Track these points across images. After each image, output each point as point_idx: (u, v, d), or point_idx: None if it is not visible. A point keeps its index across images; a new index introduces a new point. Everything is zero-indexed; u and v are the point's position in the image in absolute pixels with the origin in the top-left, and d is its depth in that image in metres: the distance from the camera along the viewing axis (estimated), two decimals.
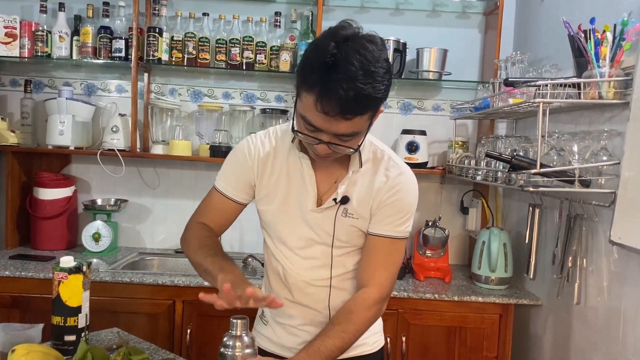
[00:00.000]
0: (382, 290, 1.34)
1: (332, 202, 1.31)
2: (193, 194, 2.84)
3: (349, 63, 1.06)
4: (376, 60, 1.09)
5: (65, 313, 1.36)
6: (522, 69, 2.21)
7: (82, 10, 2.69)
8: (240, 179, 1.38)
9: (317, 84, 1.07)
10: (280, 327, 1.44)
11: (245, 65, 2.63)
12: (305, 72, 1.11)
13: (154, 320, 2.26)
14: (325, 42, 1.09)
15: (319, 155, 1.22)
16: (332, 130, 1.13)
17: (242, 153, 1.38)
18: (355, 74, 1.05)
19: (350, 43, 1.08)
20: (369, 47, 1.09)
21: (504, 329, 2.28)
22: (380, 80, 1.09)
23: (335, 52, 1.07)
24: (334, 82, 1.05)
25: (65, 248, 2.67)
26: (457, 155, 2.57)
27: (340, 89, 1.05)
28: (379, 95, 1.11)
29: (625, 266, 1.66)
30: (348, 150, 1.20)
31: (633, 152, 1.55)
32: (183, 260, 2.71)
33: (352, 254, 1.38)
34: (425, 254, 2.58)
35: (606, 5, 1.86)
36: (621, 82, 1.64)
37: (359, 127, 1.15)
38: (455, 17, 2.82)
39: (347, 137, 1.15)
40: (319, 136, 1.15)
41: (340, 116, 1.08)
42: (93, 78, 2.82)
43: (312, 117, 1.12)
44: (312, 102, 1.09)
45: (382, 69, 1.10)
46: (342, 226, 1.33)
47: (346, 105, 1.07)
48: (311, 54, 1.12)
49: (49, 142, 2.58)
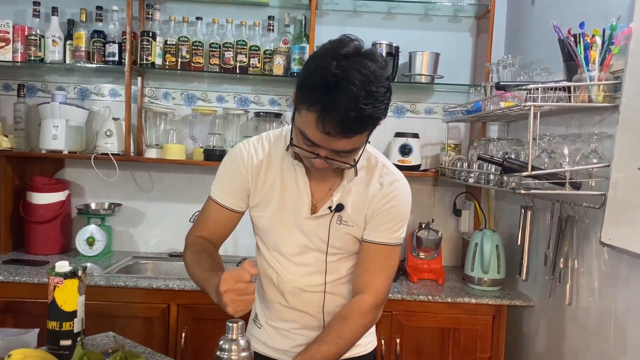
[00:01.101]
0: (378, 297, 1.35)
1: (327, 210, 1.32)
2: (187, 198, 2.84)
3: (350, 83, 1.06)
4: (377, 79, 1.09)
5: (61, 318, 1.36)
6: (514, 72, 2.23)
7: (75, 14, 2.69)
8: (235, 187, 1.38)
9: (318, 104, 1.08)
10: (274, 331, 1.45)
11: (239, 69, 2.64)
12: (306, 91, 1.11)
13: (148, 324, 2.26)
14: (326, 61, 1.09)
15: (315, 168, 1.23)
16: (331, 147, 1.14)
17: (236, 161, 1.37)
18: (357, 94, 1.06)
19: (352, 62, 1.08)
20: (370, 67, 1.09)
21: (497, 330, 2.30)
22: (381, 99, 1.10)
23: (337, 72, 1.07)
24: (335, 103, 1.06)
25: (59, 252, 2.67)
26: (450, 157, 2.59)
27: (342, 109, 1.05)
28: (379, 115, 1.12)
29: (615, 267, 1.69)
30: (345, 165, 1.21)
31: (622, 154, 1.58)
32: (177, 264, 2.72)
33: (346, 259, 1.39)
34: (419, 256, 2.59)
35: (596, 9, 1.88)
36: (610, 85, 1.66)
37: (358, 144, 1.17)
38: (447, 21, 2.85)
39: (346, 153, 1.17)
40: (317, 151, 1.16)
41: (340, 135, 1.10)
42: (86, 82, 2.82)
43: (311, 135, 1.13)
44: (312, 120, 1.09)
45: (383, 88, 1.11)
46: (337, 233, 1.34)
47: (347, 125, 1.08)
48: (312, 73, 1.11)
49: (43, 146, 2.58)
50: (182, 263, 2.72)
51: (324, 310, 1.39)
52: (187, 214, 2.64)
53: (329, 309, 1.38)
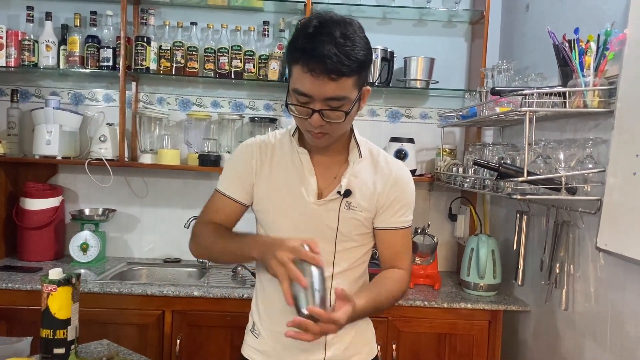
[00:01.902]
0: (410, 273, 1.47)
1: (336, 194, 1.34)
2: (182, 203, 2.83)
3: (329, 31, 1.17)
4: (354, 32, 1.20)
5: (54, 326, 1.35)
6: (509, 77, 2.24)
7: (70, 19, 2.68)
8: (241, 177, 1.41)
9: (302, 50, 1.17)
10: (275, 337, 1.42)
11: (234, 74, 2.64)
12: (291, 46, 1.21)
13: (143, 331, 2.24)
14: (308, 20, 1.22)
15: (314, 130, 1.25)
16: (321, 94, 1.18)
17: (243, 152, 1.43)
18: (335, 36, 1.16)
19: (331, 19, 1.20)
20: (347, 21, 1.21)
21: (493, 335, 2.30)
22: (359, 45, 1.19)
23: (317, 24, 1.19)
24: (317, 43, 1.15)
25: (53, 259, 2.64)
26: (445, 162, 2.59)
27: (323, 49, 1.14)
28: (359, 57, 1.18)
29: (611, 272, 1.69)
30: (339, 116, 1.23)
31: (618, 159, 1.58)
32: (172, 270, 2.70)
33: (353, 250, 1.41)
34: (415, 261, 2.58)
35: (590, 15, 1.89)
36: (605, 90, 1.67)
37: (346, 91, 1.20)
38: (442, 26, 2.85)
39: (336, 100, 1.20)
40: (311, 105, 1.21)
41: (325, 75, 1.15)
42: (80, 87, 2.81)
43: (301, 84, 1.19)
44: (300, 69, 1.18)
45: (360, 38, 1.21)
46: (346, 219, 1.36)
47: (330, 63, 1.14)
48: (296, 33, 1.23)
49: (36, 152, 2.57)
50: (176, 269, 2.70)
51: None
52: (182, 219, 2.63)
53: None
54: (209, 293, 2.22)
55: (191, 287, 2.28)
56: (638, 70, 1.53)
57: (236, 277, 2.55)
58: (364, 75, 1.25)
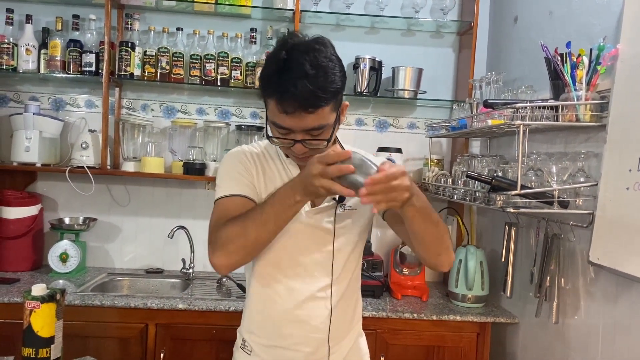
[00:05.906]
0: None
1: (331, 200, 1.34)
2: (165, 213, 2.76)
3: (297, 63, 1.15)
4: (325, 56, 1.18)
5: (37, 344, 1.29)
6: (497, 89, 2.24)
7: (51, 22, 2.61)
8: (245, 178, 1.34)
9: (274, 89, 1.16)
10: (268, 352, 1.39)
11: (220, 81, 2.60)
12: (264, 82, 1.20)
13: (125, 344, 2.17)
14: (275, 53, 1.20)
15: (298, 156, 1.26)
16: (301, 127, 1.18)
17: (238, 158, 1.38)
18: (305, 69, 1.14)
19: (298, 46, 1.18)
20: (316, 48, 1.18)
21: (481, 347, 2.28)
22: (331, 71, 1.17)
23: (284, 57, 1.17)
24: (287, 84, 1.13)
25: (31, 269, 2.56)
26: (434, 173, 2.58)
27: (293, 87, 1.13)
28: (333, 86, 1.17)
29: (602, 286, 1.69)
30: (321, 144, 1.23)
31: (610, 173, 1.58)
32: (154, 281, 2.64)
33: (350, 256, 1.40)
34: (402, 272, 2.57)
35: (579, 29, 1.90)
36: (597, 105, 1.67)
37: (325, 119, 1.20)
38: (430, 37, 2.85)
39: (316, 130, 1.20)
40: (292, 136, 1.21)
41: (302, 111, 1.15)
42: (61, 92, 2.73)
43: (279, 120, 1.19)
44: (275, 106, 1.17)
45: (332, 63, 1.19)
46: (343, 220, 1.37)
47: (304, 99, 1.13)
48: (266, 66, 1.22)
49: (14, 158, 2.49)
50: (159, 280, 2.63)
51: (332, 309, 1.37)
52: (165, 229, 2.57)
53: (335, 314, 1.37)
54: (193, 306, 2.16)
55: (175, 299, 2.22)
56: (630, 85, 1.54)
57: (221, 289, 2.50)
58: (340, 96, 1.24)
